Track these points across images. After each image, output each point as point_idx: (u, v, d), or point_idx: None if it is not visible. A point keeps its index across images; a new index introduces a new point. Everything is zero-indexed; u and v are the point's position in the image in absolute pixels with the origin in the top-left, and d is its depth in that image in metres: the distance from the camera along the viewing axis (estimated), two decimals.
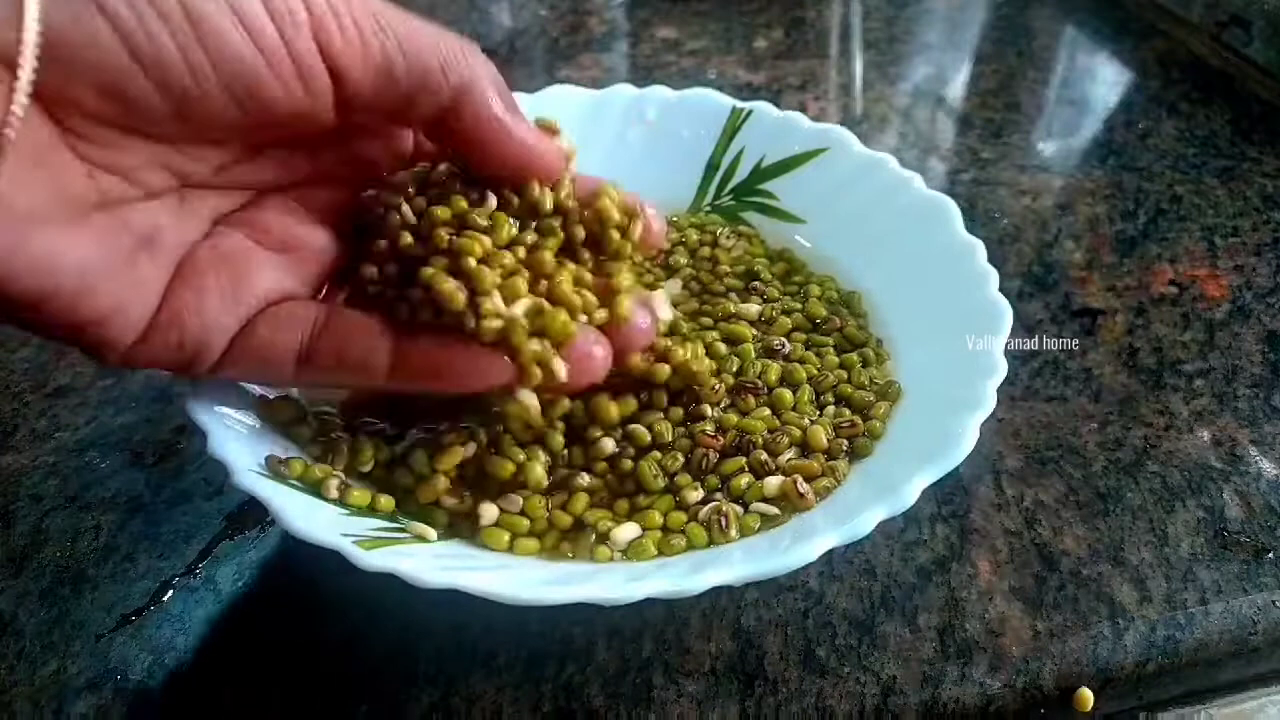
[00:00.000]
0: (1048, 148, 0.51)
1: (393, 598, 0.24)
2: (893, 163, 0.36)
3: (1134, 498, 0.32)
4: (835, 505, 0.28)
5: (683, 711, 0.26)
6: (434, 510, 0.28)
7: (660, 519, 0.28)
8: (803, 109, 0.42)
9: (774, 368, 0.32)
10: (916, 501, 0.25)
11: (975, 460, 0.28)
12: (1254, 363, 0.38)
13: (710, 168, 0.39)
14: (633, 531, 0.27)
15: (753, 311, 0.34)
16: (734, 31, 0.62)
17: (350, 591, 0.27)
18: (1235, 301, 0.41)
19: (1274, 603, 0.29)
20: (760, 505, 0.28)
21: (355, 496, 0.27)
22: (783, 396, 0.31)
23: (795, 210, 0.38)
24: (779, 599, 0.29)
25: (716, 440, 0.29)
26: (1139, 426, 0.35)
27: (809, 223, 0.38)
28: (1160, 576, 0.30)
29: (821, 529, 0.25)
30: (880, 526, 0.24)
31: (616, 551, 0.27)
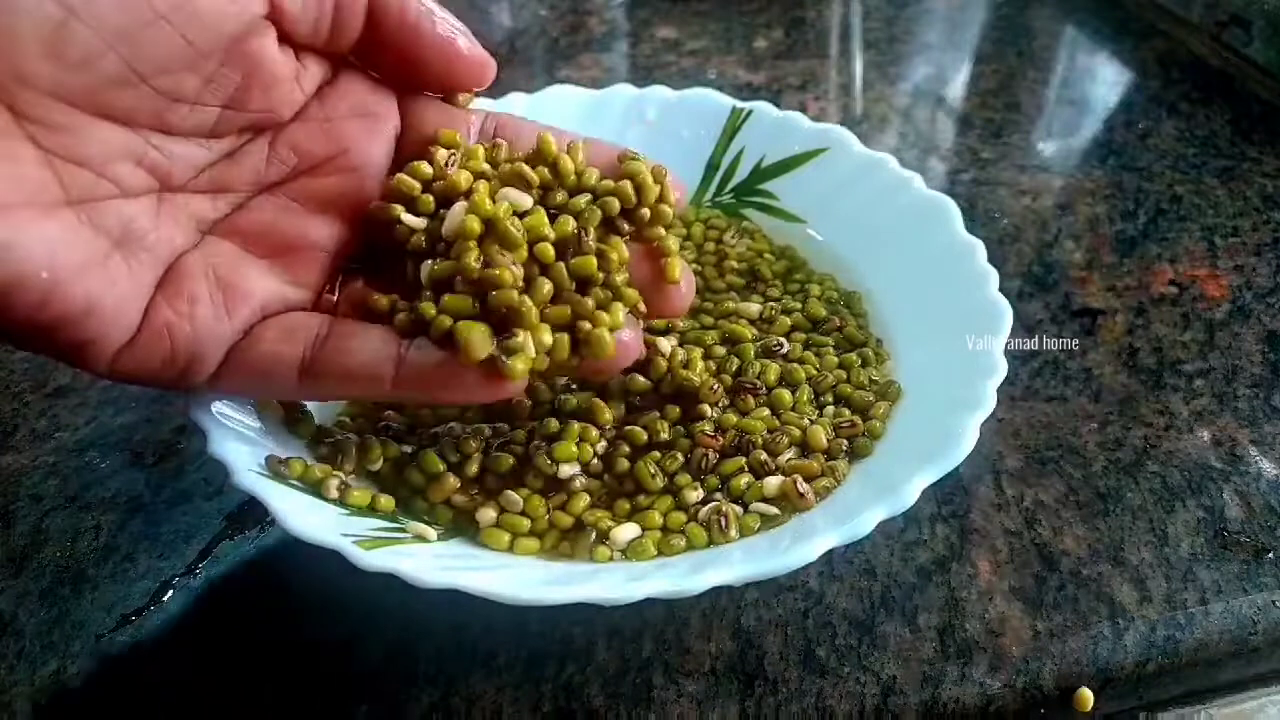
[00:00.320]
0: (1048, 148, 0.51)
1: (393, 598, 0.24)
2: (893, 163, 0.36)
3: (1134, 498, 0.32)
4: (835, 505, 0.28)
5: (683, 711, 0.26)
6: (440, 509, 0.28)
7: (660, 519, 0.28)
8: (803, 109, 0.42)
9: (773, 368, 0.32)
10: (916, 501, 0.25)
11: (975, 460, 0.28)
12: (1254, 363, 0.38)
13: (710, 168, 0.39)
14: (632, 531, 0.27)
15: (753, 310, 0.34)
16: (734, 31, 0.62)
17: (350, 591, 0.27)
18: (1235, 301, 0.41)
19: (1274, 603, 0.29)
20: (760, 505, 0.28)
21: (355, 496, 0.27)
22: (782, 396, 0.31)
23: (795, 210, 0.38)
24: (779, 599, 0.29)
25: (716, 440, 0.29)
26: (1139, 426, 0.35)
27: (809, 223, 0.38)
28: (1160, 576, 0.30)
29: (821, 529, 0.25)
30: (880, 526, 0.24)
31: (616, 551, 0.27)
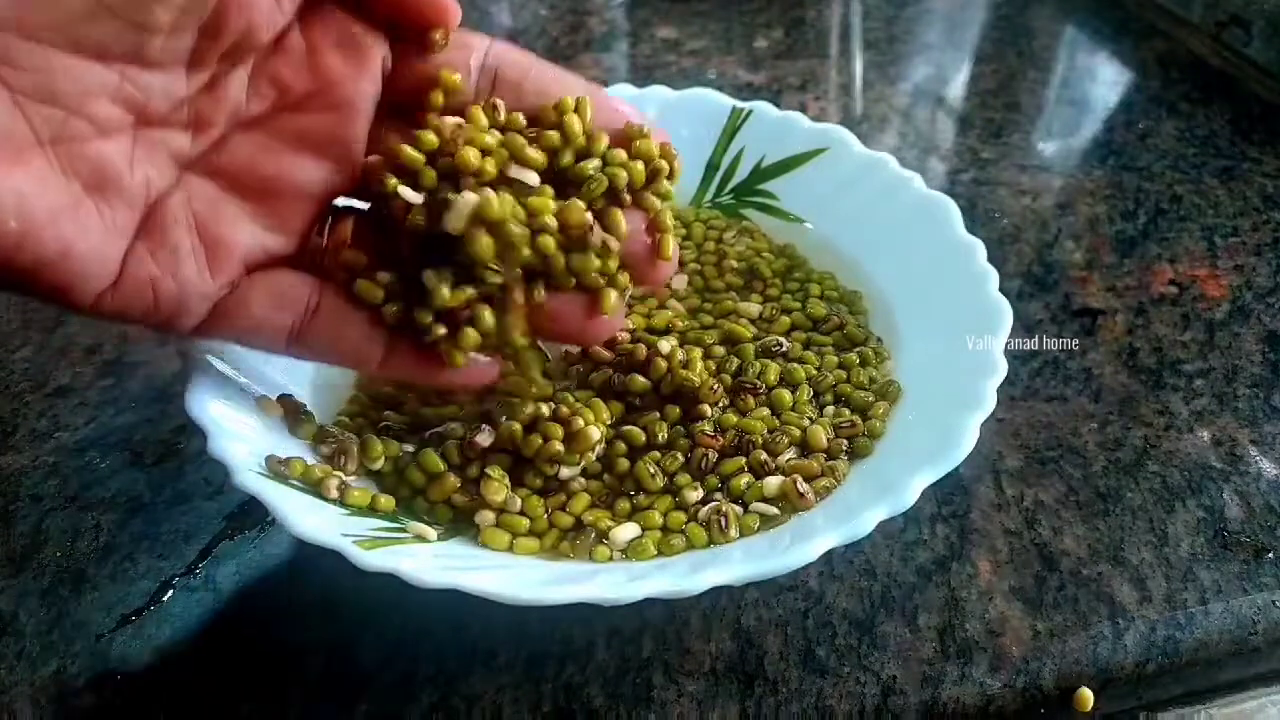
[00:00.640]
0: (1048, 148, 0.51)
1: (393, 598, 0.24)
2: (893, 163, 0.36)
3: (1134, 498, 0.32)
4: (835, 505, 0.28)
5: (683, 711, 0.26)
6: (440, 509, 0.28)
7: (660, 519, 0.28)
8: (803, 109, 0.42)
9: (773, 367, 0.32)
10: (916, 501, 0.25)
11: (975, 460, 0.28)
12: (1254, 363, 0.38)
13: (710, 168, 0.39)
14: (632, 531, 0.27)
15: (753, 310, 0.34)
16: (734, 31, 0.62)
17: (350, 591, 0.27)
18: (1235, 301, 0.41)
19: (1274, 603, 0.29)
20: (760, 505, 0.28)
21: (355, 496, 0.27)
22: (782, 396, 0.31)
23: (795, 210, 0.38)
24: (779, 599, 0.29)
25: (716, 440, 0.29)
26: (1139, 426, 0.35)
27: (809, 223, 0.38)
28: (1160, 576, 0.30)
29: (821, 529, 0.25)
30: (880, 526, 0.24)
31: (616, 551, 0.27)
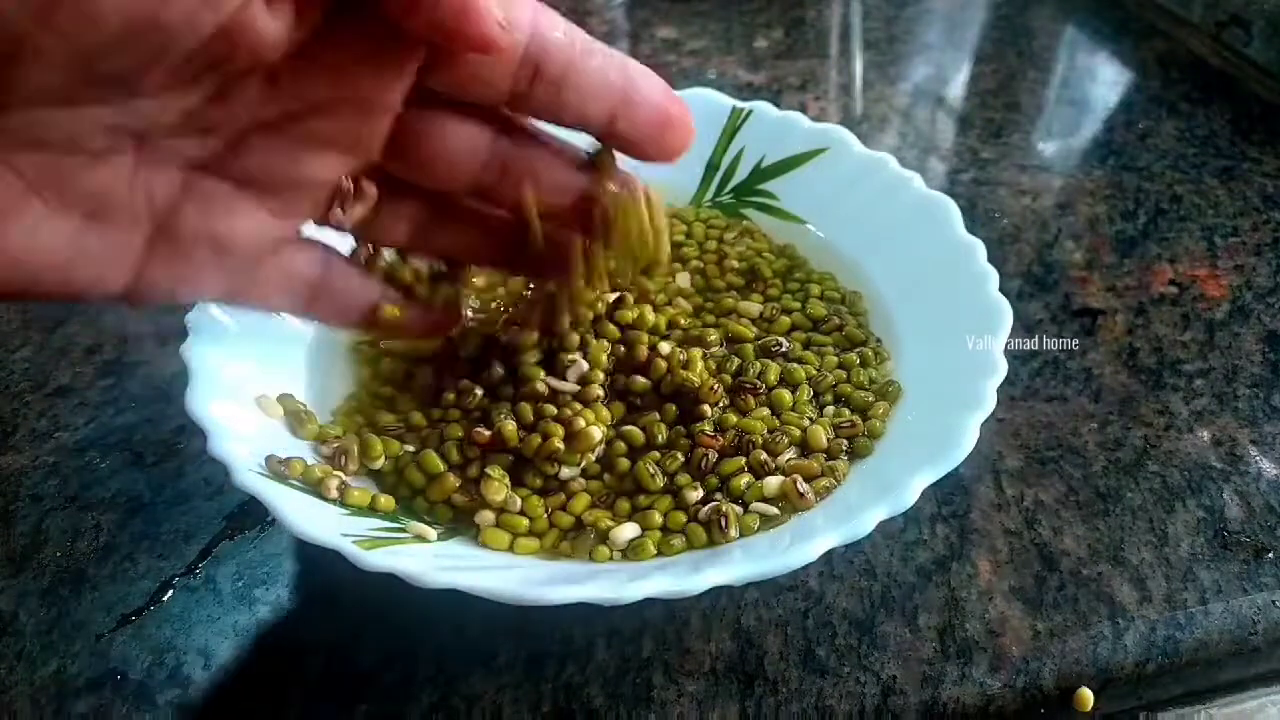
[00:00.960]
0: (1048, 148, 0.51)
1: (393, 598, 0.24)
2: (893, 163, 0.36)
3: (1134, 498, 0.32)
4: (835, 505, 0.28)
5: (683, 711, 0.26)
6: (440, 509, 0.28)
7: (660, 519, 0.28)
8: (803, 109, 0.42)
9: (773, 367, 0.31)
10: (916, 501, 0.25)
11: (975, 460, 0.28)
12: (1254, 363, 0.38)
13: (710, 168, 0.39)
14: (633, 531, 0.27)
15: (754, 310, 0.34)
16: (734, 31, 0.62)
17: (350, 591, 0.27)
18: (1235, 301, 0.41)
19: (1274, 603, 0.29)
20: (760, 505, 0.28)
21: (355, 496, 0.27)
22: (782, 396, 0.31)
23: (795, 210, 0.38)
24: (779, 599, 0.29)
25: (716, 440, 0.29)
26: (1139, 426, 0.35)
27: (809, 223, 0.38)
28: (1160, 576, 0.30)
29: (821, 529, 0.25)
30: (880, 526, 0.24)
31: (616, 551, 0.27)
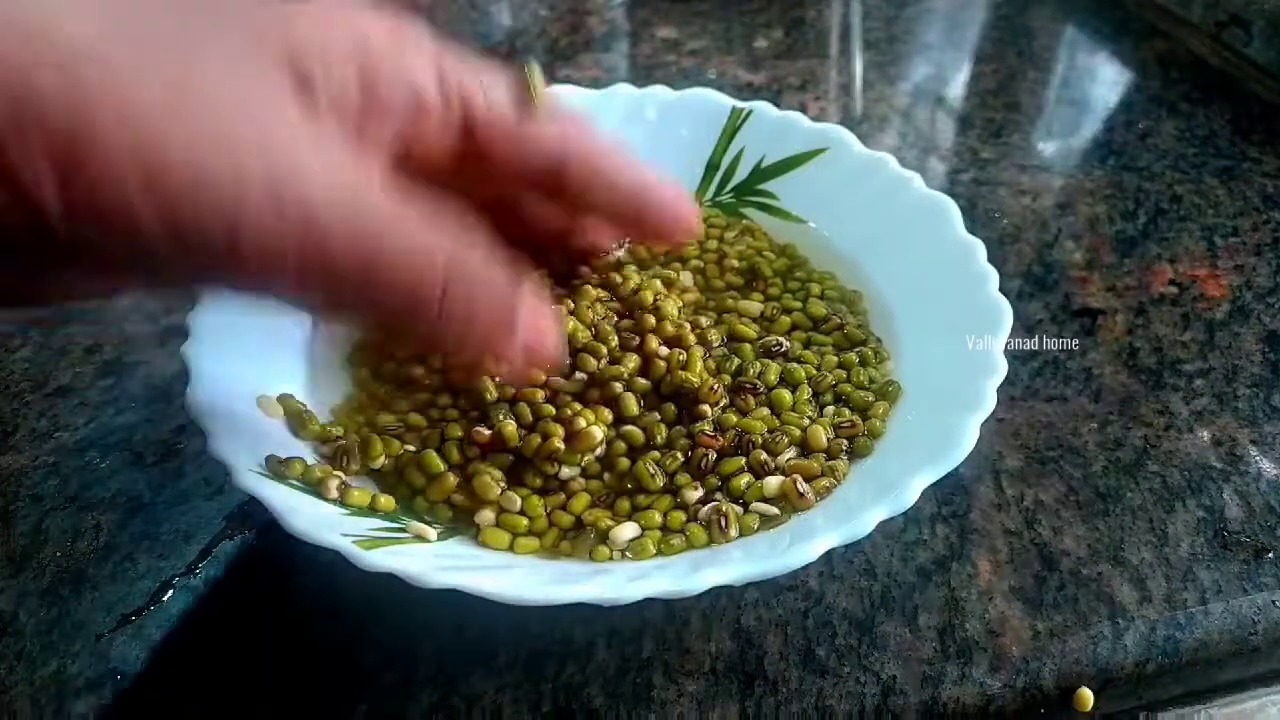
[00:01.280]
0: (1048, 148, 0.51)
1: (393, 598, 0.24)
2: (893, 163, 0.36)
3: (1134, 498, 0.32)
4: (835, 505, 0.28)
5: (683, 711, 0.26)
6: (440, 508, 0.28)
7: (660, 519, 0.28)
8: (803, 109, 0.42)
9: (773, 367, 0.31)
10: (916, 501, 0.25)
11: (975, 460, 0.28)
12: (1254, 363, 0.38)
13: (710, 168, 0.39)
14: (632, 531, 0.27)
15: (754, 310, 0.34)
16: (734, 31, 0.62)
17: (350, 591, 0.27)
18: (1235, 301, 0.41)
19: (1274, 603, 0.29)
20: (760, 505, 0.28)
21: (355, 496, 0.27)
22: (782, 396, 0.31)
23: (795, 210, 0.38)
24: (779, 599, 0.29)
25: (716, 440, 0.29)
26: (1139, 426, 0.35)
27: (809, 222, 0.38)
28: (1160, 576, 0.30)
29: (821, 529, 0.25)
30: (880, 526, 0.24)
31: (616, 551, 0.27)
